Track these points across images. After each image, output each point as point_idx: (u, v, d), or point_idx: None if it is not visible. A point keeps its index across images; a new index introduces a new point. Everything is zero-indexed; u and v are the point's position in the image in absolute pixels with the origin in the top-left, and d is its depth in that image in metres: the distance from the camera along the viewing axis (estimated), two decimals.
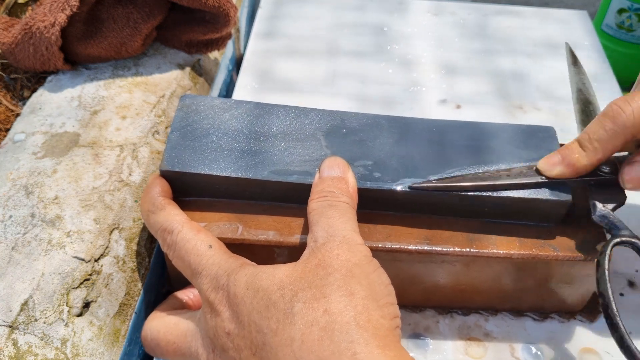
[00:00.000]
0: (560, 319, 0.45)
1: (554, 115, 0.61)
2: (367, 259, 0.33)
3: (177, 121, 0.42)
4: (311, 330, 0.30)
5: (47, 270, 0.38)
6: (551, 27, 0.73)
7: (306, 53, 0.68)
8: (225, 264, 0.35)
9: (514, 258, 0.40)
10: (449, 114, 0.61)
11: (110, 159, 0.45)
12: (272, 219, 0.40)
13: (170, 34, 0.56)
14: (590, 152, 0.39)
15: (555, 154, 0.40)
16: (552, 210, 0.40)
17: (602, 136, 0.38)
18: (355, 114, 0.44)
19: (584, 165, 0.39)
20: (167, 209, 0.39)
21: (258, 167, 0.40)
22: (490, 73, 0.66)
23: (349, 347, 0.29)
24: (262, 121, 0.43)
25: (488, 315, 0.45)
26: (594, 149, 0.38)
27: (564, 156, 0.39)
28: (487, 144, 0.43)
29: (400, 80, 0.65)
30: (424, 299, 0.44)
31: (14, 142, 0.46)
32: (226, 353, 0.33)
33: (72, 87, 0.51)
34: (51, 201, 0.42)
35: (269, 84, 0.64)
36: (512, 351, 0.43)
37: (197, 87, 0.57)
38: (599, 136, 0.38)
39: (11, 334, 0.35)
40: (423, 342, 0.43)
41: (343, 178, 0.37)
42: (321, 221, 0.35)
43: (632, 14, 0.96)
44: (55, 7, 0.48)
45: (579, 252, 0.40)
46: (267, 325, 0.31)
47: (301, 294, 0.31)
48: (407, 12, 0.75)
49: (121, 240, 0.42)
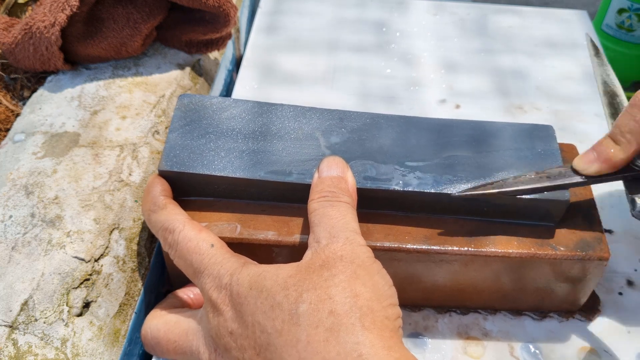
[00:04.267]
0: (559, 318, 0.45)
1: (554, 115, 0.61)
2: (371, 260, 0.33)
3: (175, 121, 0.42)
4: (317, 332, 0.30)
5: (47, 270, 0.38)
6: (551, 27, 0.73)
7: (306, 48, 0.68)
8: (228, 263, 0.35)
9: (512, 257, 0.40)
10: (448, 113, 0.61)
11: (110, 159, 0.45)
12: (271, 219, 0.41)
13: (170, 34, 0.56)
14: (624, 144, 0.38)
15: (590, 152, 0.39)
16: (551, 210, 0.40)
17: (634, 127, 0.38)
18: (354, 113, 0.44)
19: (621, 159, 0.38)
20: (169, 208, 0.39)
21: (256, 166, 0.40)
22: (490, 72, 0.66)
23: (355, 348, 0.29)
24: (261, 120, 0.43)
25: (487, 315, 0.45)
26: (627, 141, 0.38)
27: (599, 152, 0.39)
28: (486, 143, 0.43)
29: (400, 79, 0.65)
30: (422, 298, 0.44)
31: (14, 142, 0.46)
32: (229, 352, 0.33)
33: (72, 87, 0.51)
34: (51, 201, 0.42)
35: (269, 78, 0.64)
36: (511, 350, 0.43)
37: (197, 87, 0.57)
38: (630, 128, 0.38)
39: (11, 334, 0.35)
40: (422, 342, 0.43)
41: (342, 177, 0.37)
42: (323, 221, 0.35)
43: (632, 14, 0.96)
44: (55, 7, 0.48)
45: (578, 251, 0.40)
46: (272, 325, 0.31)
47: (306, 295, 0.31)
48: (407, 12, 0.75)
49: (121, 240, 0.42)
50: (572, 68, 0.67)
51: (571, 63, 0.68)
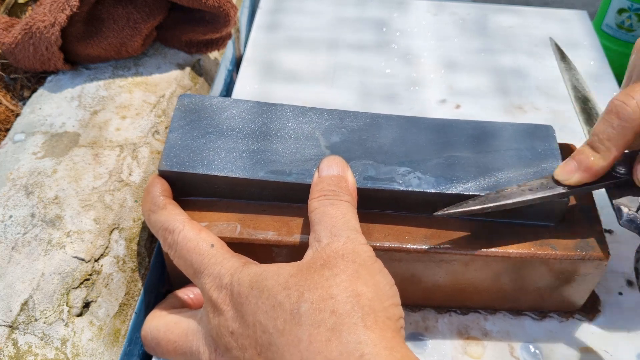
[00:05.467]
0: (559, 318, 0.45)
1: (554, 115, 0.61)
2: (372, 259, 0.33)
3: (175, 121, 0.42)
4: (319, 331, 0.30)
5: (47, 270, 0.38)
6: (551, 27, 0.73)
7: (307, 47, 0.69)
8: (228, 262, 0.35)
9: (512, 257, 0.40)
10: (448, 113, 0.61)
11: (110, 159, 0.45)
12: (271, 219, 0.41)
13: (170, 34, 0.56)
14: (604, 152, 0.38)
15: (570, 161, 0.39)
16: (551, 210, 0.40)
17: (612, 134, 0.37)
18: (354, 113, 0.44)
19: (602, 167, 0.38)
20: (168, 208, 0.39)
21: (257, 166, 0.40)
22: (490, 72, 0.66)
23: (357, 348, 0.29)
24: (261, 120, 0.43)
25: (487, 315, 0.45)
26: (606, 148, 0.38)
27: (579, 162, 0.39)
28: (487, 143, 0.43)
29: (400, 79, 0.65)
30: (422, 298, 0.44)
31: (14, 142, 0.46)
32: (229, 352, 0.33)
33: (72, 87, 0.51)
34: (51, 201, 0.42)
35: (270, 76, 0.64)
36: (511, 350, 0.43)
37: (197, 87, 0.57)
38: (608, 135, 0.38)
39: (11, 334, 0.35)
40: (422, 342, 0.43)
41: (343, 176, 0.37)
42: (323, 220, 0.35)
43: (632, 14, 0.96)
44: (55, 7, 0.48)
45: (578, 251, 0.40)
46: (274, 325, 0.31)
47: (307, 294, 0.31)
48: (407, 11, 0.75)
49: (121, 240, 0.42)
50: None
51: None
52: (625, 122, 0.37)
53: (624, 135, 0.37)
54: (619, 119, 0.37)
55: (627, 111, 0.37)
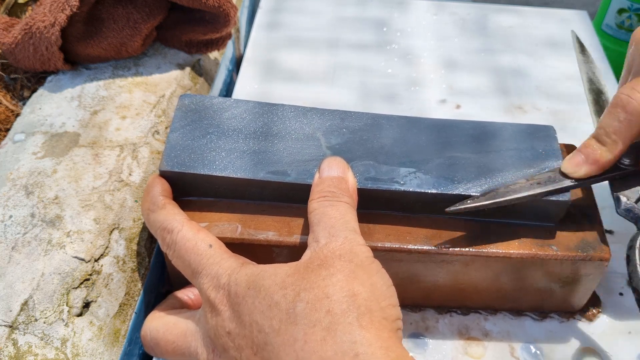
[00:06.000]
0: (560, 319, 0.45)
1: (554, 115, 0.61)
2: (369, 260, 0.33)
3: (176, 121, 0.42)
4: (314, 331, 0.30)
5: (47, 270, 0.38)
6: (551, 27, 0.73)
7: (307, 46, 0.69)
8: (226, 263, 0.35)
9: (513, 257, 0.40)
10: (448, 113, 0.61)
11: (110, 159, 0.45)
12: (272, 219, 0.41)
13: (170, 34, 0.56)
14: (610, 145, 0.38)
15: (577, 154, 0.39)
16: (551, 210, 0.40)
17: (618, 127, 0.38)
18: (355, 113, 0.44)
19: (609, 160, 0.38)
20: (167, 208, 0.39)
21: (257, 167, 0.40)
22: (490, 72, 0.66)
23: (352, 347, 0.29)
24: (262, 121, 0.43)
25: (487, 315, 0.45)
26: (612, 141, 0.38)
27: (586, 155, 0.39)
28: (487, 143, 0.43)
29: (400, 79, 0.65)
30: (423, 298, 0.44)
31: (14, 142, 0.46)
32: (227, 352, 0.33)
33: (72, 87, 0.51)
34: (51, 201, 0.42)
35: (270, 76, 0.64)
36: (511, 351, 0.43)
37: (197, 87, 0.57)
38: (614, 128, 0.38)
39: (11, 334, 0.35)
40: (422, 342, 0.43)
41: (343, 178, 0.37)
42: (322, 221, 0.35)
43: (632, 14, 0.96)
44: (55, 7, 0.48)
45: (579, 252, 0.40)
46: (269, 325, 0.31)
47: (304, 294, 0.31)
48: (407, 11, 0.75)
49: (121, 240, 0.42)
50: (573, 68, 0.67)
51: (571, 63, 0.68)
52: (631, 115, 0.37)
53: (630, 128, 0.38)
54: (625, 112, 0.38)
55: (632, 104, 0.37)
